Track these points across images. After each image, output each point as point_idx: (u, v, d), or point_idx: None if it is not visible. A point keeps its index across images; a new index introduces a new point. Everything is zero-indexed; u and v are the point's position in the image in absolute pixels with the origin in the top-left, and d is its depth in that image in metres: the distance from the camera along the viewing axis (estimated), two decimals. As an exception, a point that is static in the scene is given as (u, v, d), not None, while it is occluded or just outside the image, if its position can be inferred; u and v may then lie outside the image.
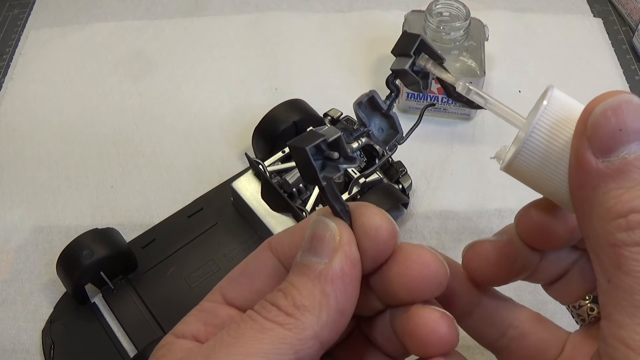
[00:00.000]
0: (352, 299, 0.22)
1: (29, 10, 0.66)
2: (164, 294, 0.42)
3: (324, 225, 0.23)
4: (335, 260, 0.22)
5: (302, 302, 0.21)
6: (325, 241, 0.22)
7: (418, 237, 0.46)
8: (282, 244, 0.25)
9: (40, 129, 0.54)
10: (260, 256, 0.25)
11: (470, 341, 0.41)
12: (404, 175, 0.46)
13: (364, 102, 0.24)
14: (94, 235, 0.42)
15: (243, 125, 0.53)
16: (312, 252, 0.22)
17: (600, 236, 0.19)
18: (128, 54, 0.60)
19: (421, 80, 0.24)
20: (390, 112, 0.25)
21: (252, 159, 0.44)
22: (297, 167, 0.22)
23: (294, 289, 0.22)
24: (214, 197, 0.47)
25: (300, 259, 0.23)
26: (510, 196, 0.48)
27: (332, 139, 0.21)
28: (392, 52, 0.25)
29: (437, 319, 0.23)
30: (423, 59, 0.24)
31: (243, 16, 0.63)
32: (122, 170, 0.51)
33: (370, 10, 0.63)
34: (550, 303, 0.43)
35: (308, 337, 0.21)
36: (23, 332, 0.42)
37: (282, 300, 0.22)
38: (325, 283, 0.21)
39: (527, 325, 0.26)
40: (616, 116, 0.19)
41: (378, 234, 0.23)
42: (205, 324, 0.24)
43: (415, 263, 0.23)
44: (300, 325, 0.21)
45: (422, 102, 0.52)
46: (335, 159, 0.22)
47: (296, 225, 0.26)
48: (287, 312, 0.21)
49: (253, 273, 0.25)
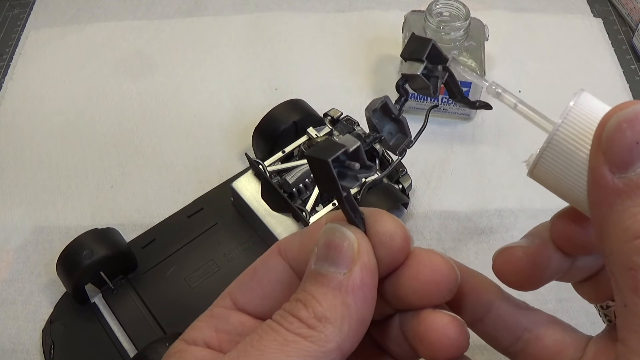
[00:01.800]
0: (371, 308, 0.22)
1: (29, 10, 0.65)
2: (164, 294, 0.42)
3: (341, 234, 0.22)
4: (355, 271, 0.22)
5: (324, 314, 0.21)
6: (343, 251, 0.22)
7: (418, 237, 0.46)
8: (291, 248, 0.25)
9: (40, 129, 0.54)
10: (269, 260, 0.25)
11: (470, 341, 0.41)
12: (404, 175, 0.46)
13: (378, 108, 0.24)
14: (94, 235, 0.42)
15: (243, 125, 0.53)
16: (330, 261, 0.22)
17: (617, 257, 0.19)
18: (128, 54, 0.60)
19: (431, 84, 0.24)
20: (400, 116, 0.24)
21: (252, 159, 0.44)
22: (315, 177, 0.22)
23: (314, 300, 0.22)
24: (214, 197, 0.47)
25: (316, 268, 0.22)
26: (511, 196, 0.48)
27: (352, 149, 0.21)
28: (401, 55, 0.24)
29: (448, 323, 0.23)
30: (453, 62, 0.24)
31: (243, 16, 0.63)
32: (122, 170, 0.51)
33: (370, 10, 0.63)
34: (551, 302, 0.43)
35: (332, 349, 0.21)
36: (23, 332, 0.42)
37: (304, 312, 0.21)
38: (346, 294, 0.21)
39: (543, 328, 0.26)
40: (632, 129, 0.18)
41: (393, 241, 0.23)
42: (217, 330, 0.24)
43: (427, 268, 0.23)
44: (324, 337, 0.21)
45: (422, 102, 0.52)
46: (354, 169, 0.22)
47: (306, 230, 0.25)
48: (309, 325, 0.21)
49: (263, 278, 0.25)
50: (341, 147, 0.21)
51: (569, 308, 0.42)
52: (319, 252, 0.23)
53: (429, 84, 0.24)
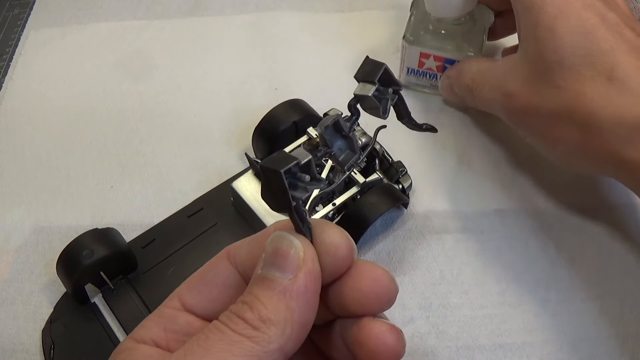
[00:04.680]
0: (313, 313, 0.24)
1: (29, 10, 0.65)
2: (164, 294, 0.41)
3: (288, 242, 0.24)
4: (300, 277, 0.23)
5: (268, 316, 0.22)
6: (289, 258, 0.23)
7: (418, 237, 0.46)
8: (240, 254, 0.26)
9: (40, 129, 0.54)
10: (218, 265, 0.26)
11: (471, 341, 0.41)
12: (404, 175, 0.46)
13: (330, 125, 0.25)
14: (94, 235, 0.42)
15: (243, 125, 0.53)
16: (277, 267, 0.23)
17: None
18: (128, 53, 0.60)
19: (381, 106, 0.26)
20: (350, 134, 0.26)
21: (252, 159, 0.44)
22: (266, 187, 0.24)
23: (259, 303, 0.23)
24: (214, 197, 0.47)
25: (263, 272, 0.24)
26: (511, 196, 0.48)
27: (304, 162, 0.23)
28: (355, 77, 0.26)
29: (386, 331, 0.25)
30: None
31: (243, 16, 0.63)
32: (122, 170, 0.51)
33: (370, 10, 0.63)
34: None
35: (274, 350, 0.22)
36: (23, 332, 0.42)
37: (249, 314, 0.22)
38: (290, 298, 0.23)
39: None
40: None
41: (337, 251, 0.24)
42: (166, 330, 0.25)
43: (368, 279, 0.25)
44: (267, 338, 0.22)
45: (420, 78, 0.53)
46: (305, 180, 0.23)
47: (254, 237, 0.27)
48: (254, 326, 0.22)
49: (211, 282, 0.26)
50: (293, 160, 0.22)
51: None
52: (266, 258, 0.24)
53: (379, 105, 0.26)
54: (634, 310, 0.42)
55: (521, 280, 0.43)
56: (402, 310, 0.42)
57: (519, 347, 0.41)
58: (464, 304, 0.43)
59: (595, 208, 0.47)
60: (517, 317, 0.42)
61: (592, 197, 0.47)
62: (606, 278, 0.43)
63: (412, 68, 0.53)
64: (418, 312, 0.42)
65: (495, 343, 0.41)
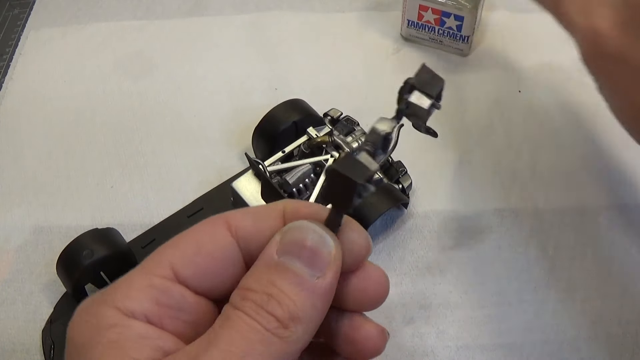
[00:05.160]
0: (327, 310, 0.23)
1: (29, 10, 0.65)
2: (164, 294, 0.42)
3: (320, 239, 0.23)
4: (328, 276, 0.22)
5: (297, 314, 0.21)
6: (323, 256, 0.22)
7: (418, 237, 0.46)
8: (244, 227, 0.24)
9: (40, 129, 0.54)
10: (217, 235, 0.24)
11: (471, 341, 0.41)
12: (404, 175, 0.46)
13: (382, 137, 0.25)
14: (94, 235, 0.42)
15: (243, 125, 0.53)
16: (305, 261, 0.22)
17: None
18: (128, 54, 0.60)
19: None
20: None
21: (252, 159, 0.44)
22: (329, 189, 0.23)
23: (287, 298, 0.21)
24: (214, 197, 0.47)
25: (285, 261, 0.22)
26: (511, 196, 0.48)
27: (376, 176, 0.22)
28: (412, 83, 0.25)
29: (380, 332, 0.25)
30: None
31: (243, 16, 0.63)
32: (122, 170, 0.51)
33: (370, 10, 0.63)
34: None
35: (297, 351, 0.22)
36: (23, 332, 0.42)
37: (279, 311, 0.21)
38: (317, 297, 0.22)
39: None
40: None
41: (361, 251, 0.24)
42: (159, 303, 0.22)
43: (375, 283, 0.25)
44: (295, 339, 0.21)
45: (420, 30, 0.57)
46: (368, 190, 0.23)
47: (258, 210, 0.25)
48: (285, 325, 0.21)
49: (210, 255, 0.24)
50: (370, 172, 0.22)
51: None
52: (286, 246, 0.23)
53: (427, 117, 0.25)
54: (634, 310, 0.42)
55: (521, 280, 0.43)
56: (402, 310, 0.42)
57: (519, 347, 0.41)
58: (464, 304, 0.43)
59: (595, 208, 0.47)
60: (517, 317, 0.42)
61: (592, 197, 0.47)
62: (606, 278, 0.43)
63: (412, 20, 0.57)
64: (418, 312, 0.42)
65: (495, 343, 0.41)
